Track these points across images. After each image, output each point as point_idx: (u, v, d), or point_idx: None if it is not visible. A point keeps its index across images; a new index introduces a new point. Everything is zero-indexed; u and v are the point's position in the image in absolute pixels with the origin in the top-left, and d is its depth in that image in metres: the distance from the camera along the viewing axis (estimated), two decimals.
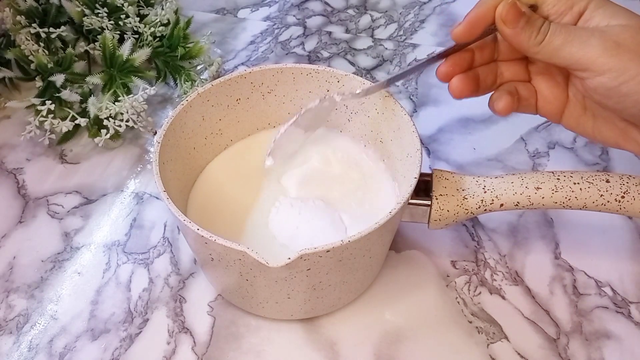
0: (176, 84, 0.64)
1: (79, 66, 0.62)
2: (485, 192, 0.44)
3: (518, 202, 0.43)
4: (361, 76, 0.49)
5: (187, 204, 0.49)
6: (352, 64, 0.69)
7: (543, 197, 0.43)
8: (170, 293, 0.49)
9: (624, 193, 0.42)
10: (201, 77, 0.64)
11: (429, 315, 0.47)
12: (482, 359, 0.44)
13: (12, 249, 0.52)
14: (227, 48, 0.72)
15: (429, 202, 0.44)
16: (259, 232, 0.47)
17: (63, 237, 0.53)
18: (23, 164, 0.59)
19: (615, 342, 0.45)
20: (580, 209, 0.44)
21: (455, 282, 0.49)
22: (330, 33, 0.74)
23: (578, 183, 0.43)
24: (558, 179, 0.44)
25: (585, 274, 0.49)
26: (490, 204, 0.44)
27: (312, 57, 0.70)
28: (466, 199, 0.44)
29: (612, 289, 0.48)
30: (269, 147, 0.49)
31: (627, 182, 0.43)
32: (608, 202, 0.43)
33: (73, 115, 0.57)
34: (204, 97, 0.48)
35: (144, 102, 0.58)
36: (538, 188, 0.43)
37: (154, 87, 0.59)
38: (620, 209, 0.43)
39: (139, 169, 0.58)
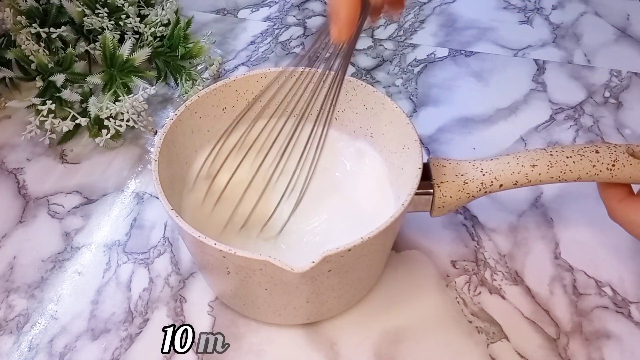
0: (176, 84, 0.64)
1: (80, 66, 0.62)
2: (483, 174, 0.45)
3: (517, 181, 0.44)
4: (361, 76, 0.49)
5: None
6: (352, 64, 0.69)
7: (540, 174, 0.44)
8: (170, 293, 0.49)
9: (613, 161, 0.44)
10: (202, 77, 0.64)
11: (428, 315, 0.47)
12: (482, 358, 0.44)
13: (13, 249, 0.52)
14: (228, 48, 0.72)
15: (431, 191, 0.45)
16: (254, 238, 0.46)
17: (63, 237, 0.53)
18: (23, 164, 0.59)
19: (615, 342, 0.45)
20: (575, 180, 0.45)
21: (455, 282, 0.49)
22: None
23: (570, 156, 0.44)
24: (551, 154, 0.45)
25: (585, 274, 0.49)
26: (490, 185, 0.45)
27: (312, 58, 0.70)
28: (466, 183, 0.45)
29: (612, 289, 0.48)
30: None
31: (615, 151, 0.44)
32: (600, 171, 0.44)
33: (73, 115, 0.57)
34: (192, 110, 0.48)
35: (145, 102, 0.58)
36: (534, 165, 0.44)
37: (154, 87, 0.59)
38: (612, 176, 0.44)
39: (139, 169, 0.58)
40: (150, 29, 0.64)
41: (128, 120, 0.57)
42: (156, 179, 0.42)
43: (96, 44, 0.63)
